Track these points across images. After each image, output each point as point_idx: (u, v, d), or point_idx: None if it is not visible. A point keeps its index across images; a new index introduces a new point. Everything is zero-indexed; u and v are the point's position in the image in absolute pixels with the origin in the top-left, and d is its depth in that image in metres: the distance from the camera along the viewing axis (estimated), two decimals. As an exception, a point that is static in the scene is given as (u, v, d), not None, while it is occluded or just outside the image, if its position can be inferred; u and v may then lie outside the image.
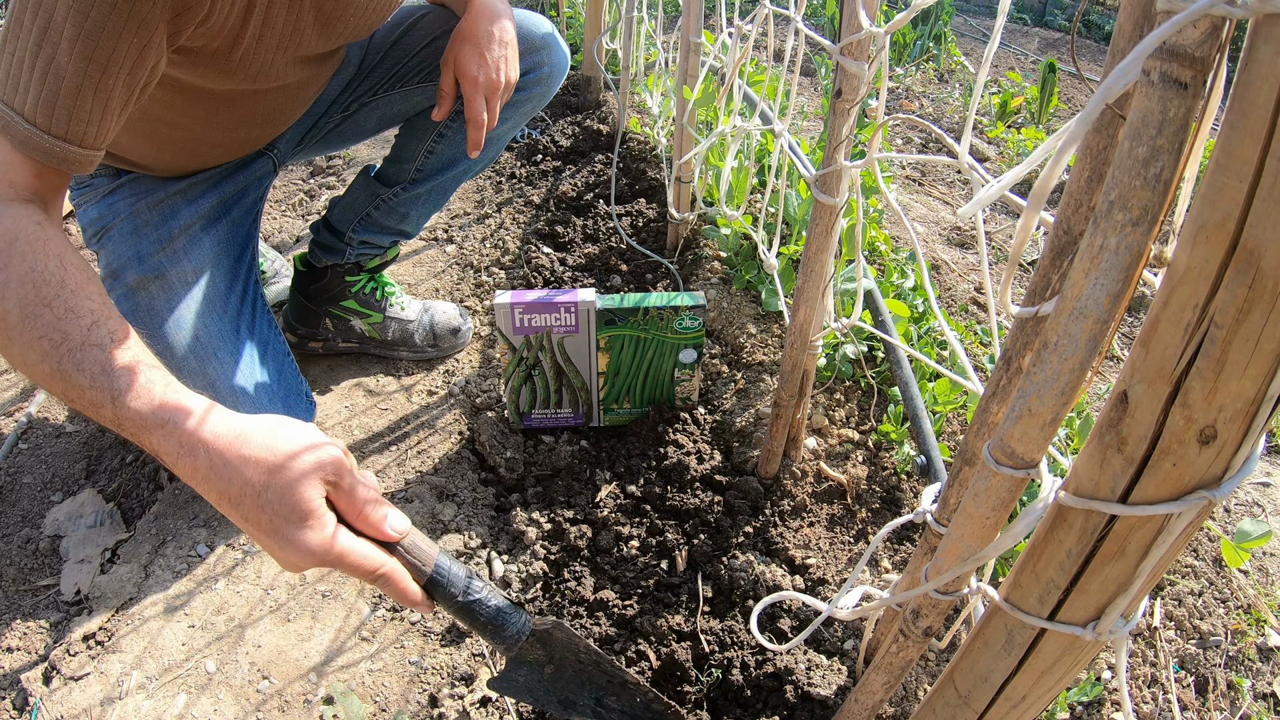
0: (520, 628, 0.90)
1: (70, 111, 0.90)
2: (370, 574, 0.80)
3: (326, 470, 0.77)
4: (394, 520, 0.82)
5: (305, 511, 0.75)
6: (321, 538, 0.76)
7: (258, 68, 1.21)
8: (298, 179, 2.60)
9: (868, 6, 0.93)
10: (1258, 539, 0.97)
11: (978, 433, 0.74)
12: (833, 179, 1.08)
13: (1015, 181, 0.58)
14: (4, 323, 0.82)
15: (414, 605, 0.84)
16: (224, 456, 0.76)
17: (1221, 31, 0.42)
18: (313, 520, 0.76)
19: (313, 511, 0.76)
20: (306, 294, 1.75)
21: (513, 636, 0.90)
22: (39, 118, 0.89)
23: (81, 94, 0.90)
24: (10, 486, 1.51)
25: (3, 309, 0.82)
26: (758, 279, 1.92)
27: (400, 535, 0.83)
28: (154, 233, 1.37)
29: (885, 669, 0.90)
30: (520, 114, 1.67)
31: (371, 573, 0.80)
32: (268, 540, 0.77)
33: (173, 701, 1.13)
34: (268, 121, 1.44)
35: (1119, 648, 0.62)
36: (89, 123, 0.92)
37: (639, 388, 1.58)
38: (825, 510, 1.45)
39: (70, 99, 0.89)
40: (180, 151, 1.38)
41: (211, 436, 0.77)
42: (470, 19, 1.41)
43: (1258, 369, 0.44)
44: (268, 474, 0.75)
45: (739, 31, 1.40)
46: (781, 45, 3.25)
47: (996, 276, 2.21)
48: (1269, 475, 1.68)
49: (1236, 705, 1.24)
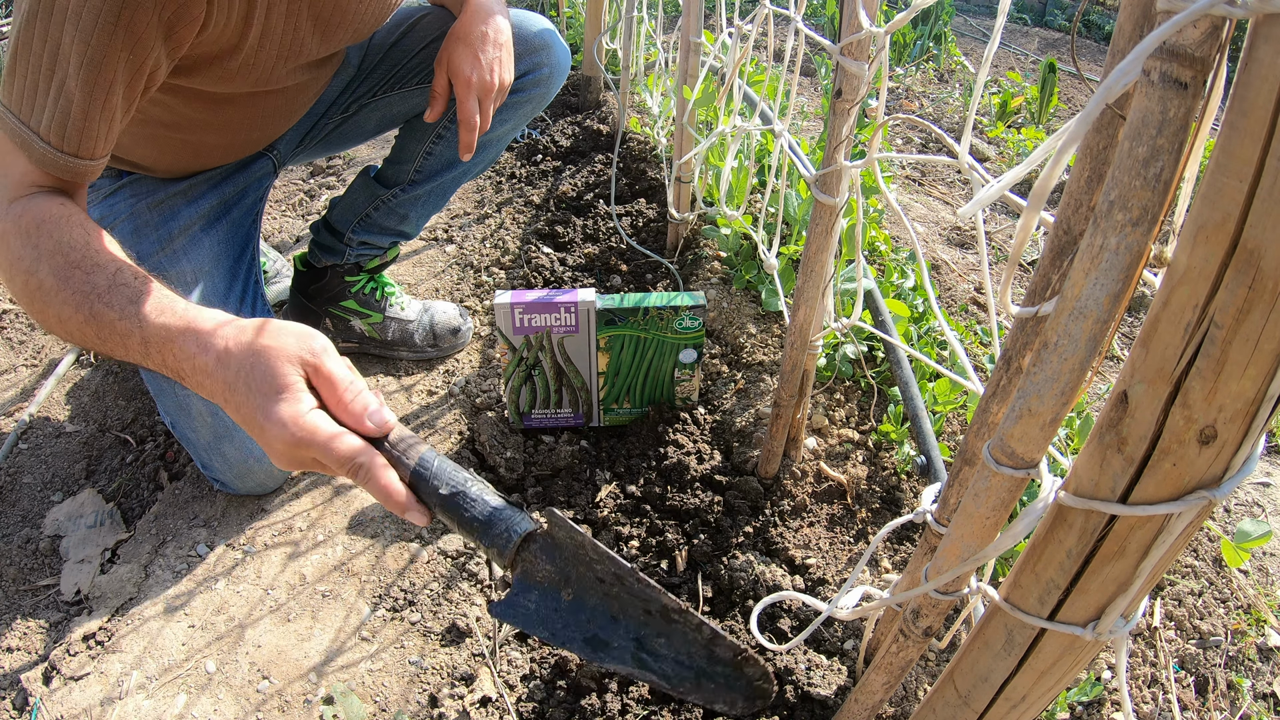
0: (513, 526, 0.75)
1: (80, 131, 0.97)
2: (347, 461, 0.78)
3: (304, 351, 0.79)
4: (375, 412, 0.80)
5: (280, 385, 0.77)
6: (293, 411, 0.77)
7: (258, 75, 1.21)
8: (298, 179, 2.61)
9: (868, 6, 0.93)
10: (1258, 539, 0.97)
11: (978, 433, 0.74)
12: (833, 179, 1.08)
13: (1015, 181, 0.58)
14: (40, 290, 0.91)
15: (399, 506, 0.80)
16: (228, 347, 0.82)
17: (1221, 31, 0.42)
18: (286, 394, 0.77)
19: (287, 386, 0.77)
20: (306, 294, 1.75)
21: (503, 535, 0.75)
22: (53, 138, 0.96)
23: (89, 116, 0.96)
24: (10, 486, 1.51)
25: (39, 280, 0.90)
26: (758, 279, 1.92)
27: (383, 428, 0.79)
28: (154, 233, 1.37)
29: (885, 669, 0.90)
30: (520, 115, 1.67)
31: (348, 459, 0.78)
32: (252, 424, 0.79)
33: (173, 701, 1.13)
34: (268, 124, 1.44)
35: (1119, 648, 0.62)
36: (97, 139, 0.99)
37: (639, 388, 1.58)
38: (825, 510, 1.45)
39: (80, 120, 0.96)
40: (181, 153, 1.38)
41: (224, 333, 0.83)
42: (465, 19, 1.40)
43: (1258, 369, 0.44)
44: (254, 354, 0.79)
45: (739, 31, 1.40)
46: (781, 45, 3.25)
47: (996, 276, 2.21)
48: (1269, 475, 1.68)
49: (1236, 705, 1.24)
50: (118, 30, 0.92)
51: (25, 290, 0.92)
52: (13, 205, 0.96)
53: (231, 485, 1.40)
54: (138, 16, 0.93)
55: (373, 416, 0.80)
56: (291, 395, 0.77)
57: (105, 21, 0.91)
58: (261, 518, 1.42)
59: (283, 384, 0.77)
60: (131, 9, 0.92)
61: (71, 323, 0.90)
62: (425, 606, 1.28)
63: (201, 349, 0.83)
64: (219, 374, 0.81)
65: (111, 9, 0.91)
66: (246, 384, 0.79)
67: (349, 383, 0.81)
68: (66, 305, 0.89)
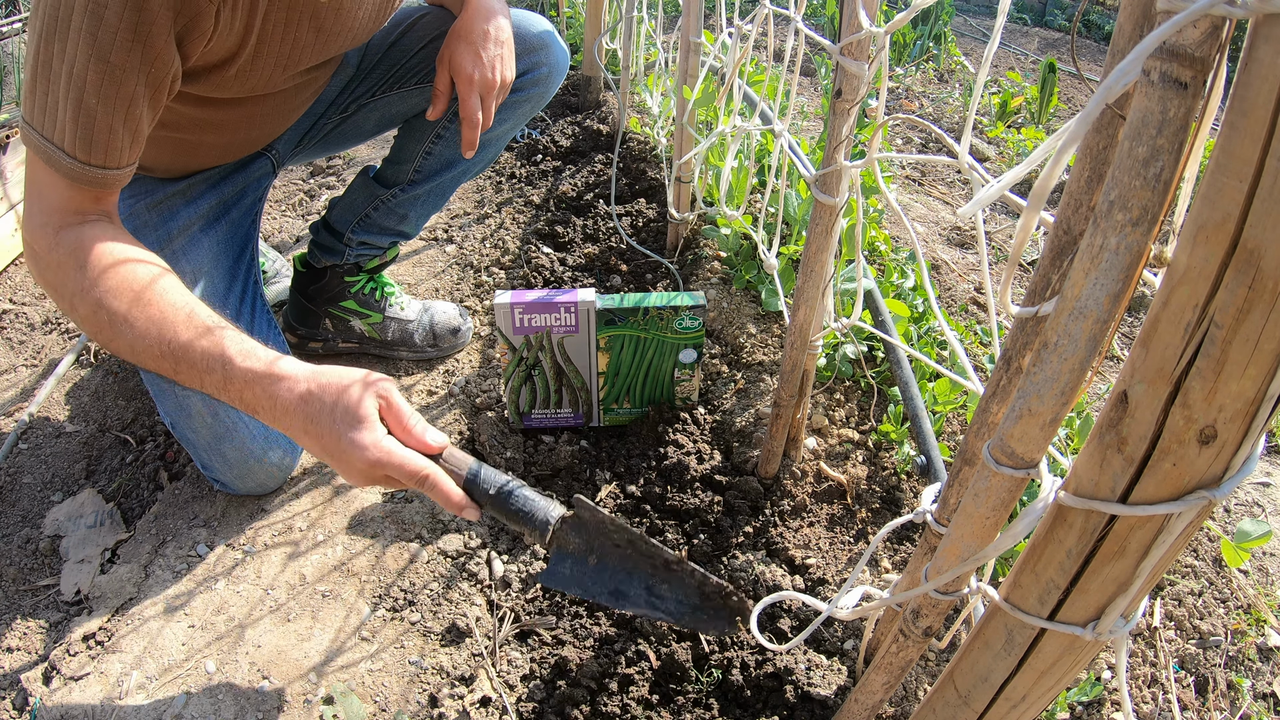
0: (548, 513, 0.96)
1: (106, 144, 1.00)
2: (415, 475, 0.95)
3: (378, 388, 0.96)
4: (433, 435, 0.98)
5: (360, 416, 0.93)
6: (373, 437, 0.93)
7: (255, 81, 1.22)
8: (298, 179, 2.61)
9: (868, 6, 0.93)
10: (1258, 539, 0.97)
11: (978, 433, 0.74)
12: (833, 179, 1.08)
13: (1015, 181, 0.58)
14: (111, 323, 0.99)
15: (457, 506, 0.97)
16: (310, 390, 0.96)
17: (1221, 31, 0.42)
18: (366, 424, 0.93)
19: (366, 417, 0.94)
20: (306, 294, 1.75)
21: (542, 522, 0.96)
22: (79, 153, 1.00)
23: (114, 130, 1.00)
24: (10, 486, 1.51)
25: (108, 314, 0.99)
26: (758, 279, 1.92)
27: (439, 448, 0.98)
28: (152, 234, 1.37)
29: (885, 669, 0.90)
30: (519, 114, 1.67)
31: (416, 474, 0.95)
32: (334, 450, 0.94)
33: (173, 701, 1.13)
34: (266, 124, 1.44)
35: (1119, 648, 0.62)
36: (123, 149, 1.03)
37: (639, 388, 1.58)
38: (825, 510, 1.45)
39: (104, 134, 1.00)
40: (178, 153, 1.38)
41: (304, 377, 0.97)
42: (466, 17, 1.40)
43: (1258, 369, 0.44)
44: (337, 393, 0.95)
45: (739, 31, 1.40)
46: (781, 45, 3.25)
47: (996, 276, 2.21)
48: (1269, 475, 1.68)
49: (1236, 705, 1.24)
50: (134, 46, 0.96)
51: (92, 321, 1.00)
52: (62, 234, 1.02)
53: (231, 486, 1.40)
54: (154, 32, 0.96)
55: (433, 439, 0.97)
56: (370, 425, 0.93)
57: (123, 40, 0.94)
58: (261, 518, 1.42)
59: (362, 415, 0.93)
60: (148, 25, 0.95)
61: (145, 354, 1.00)
62: (425, 606, 1.28)
63: (287, 390, 0.96)
64: (301, 410, 0.95)
65: (128, 27, 0.94)
66: (330, 417, 0.94)
67: (411, 412, 0.97)
68: (141, 339, 0.99)
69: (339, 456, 0.94)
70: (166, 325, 0.99)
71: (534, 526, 0.96)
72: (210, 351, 0.98)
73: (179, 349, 0.99)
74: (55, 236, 1.02)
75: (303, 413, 0.95)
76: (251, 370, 0.98)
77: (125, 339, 1.00)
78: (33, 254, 1.05)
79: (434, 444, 0.96)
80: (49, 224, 1.03)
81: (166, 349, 0.99)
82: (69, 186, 1.02)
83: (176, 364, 0.99)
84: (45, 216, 1.03)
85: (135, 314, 0.99)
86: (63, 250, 1.02)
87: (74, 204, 1.03)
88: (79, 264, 1.00)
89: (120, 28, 0.94)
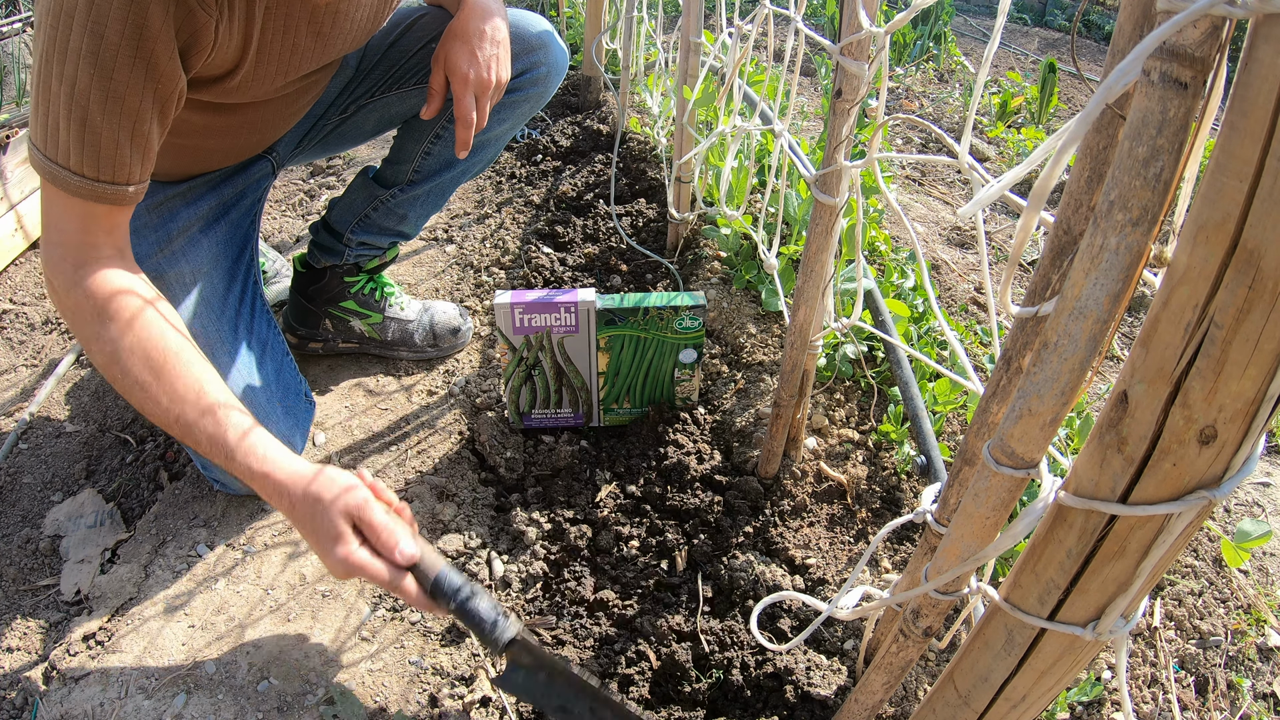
0: (499, 634, 1.02)
1: (113, 161, 1.02)
2: (385, 584, 1.03)
3: (350, 509, 1.03)
4: (404, 547, 1.03)
5: (335, 534, 1.01)
6: (345, 551, 1.01)
7: (256, 89, 1.23)
8: (298, 179, 2.61)
9: (868, 6, 0.93)
10: (1258, 539, 0.97)
11: (978, 433, 0.74)
12: (833, 179, 1.08)
13: (1015, 181, 0.58)
14: (125, 378, 1.05)
15: (424, 607, 1.05)
16: (294, 502, 1.04)
17: (1221, 31, 0.42)
18: (341, 541, 1.01)
19: (340, 535, 1.01)
20: (306, 295, 1.75)
21: (495, 640, 1.02)
22: (86, 169, 1.01)
23: (120, 145, 1.01)
24: (10, 486, 1.51)
25: (122, 369, 1.05)
26: (758, 279, 1.92)
27: (406, 561, 1.03)
28: (152, 235, 1.37)
29: (885, 669, 0.90)
30: (518, 114, 1.67)
31: (385, 584, 1.03)
32: (319, 552, 1.04)
33: (173, 701, 1.13)
34: (267, 128, 1.44)
35: (1119, 648, 0.62)
36: (132, 165, 1.04)
37: (639, 388, 1.58)
38: (825, 510, 1.45)
39: (111, 150, 1.01)
40: (181, 158, 1.38)
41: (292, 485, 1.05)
42: (462, 17, 1.40)
43: (1258, 369, 0.44)
44: (313, 506, 1.03)
45: (739, 31, 1.40)
46: (781, 45, 3.25)
47: (996, 276, 2.21)
48: (1269, 475, 1.68)
49: (1236, 705, 1.24)
50: (137, 64, 0.96)
51: (106, 369, 1.07)
52: (80, 273, 1.05)
53: (231, 485, 1.40)
54: (157, 51, 0.97)
55: (402, 554, 1.02)
56: (344, 540, 1.01)
57: (124, 58, 0.95)
58: (261, 518, 1.42)
59: (337, 533, 1.01)
60: (150, 44, 0.96)
61: (157, 416, 1.07)
62: (425, 606, 1.28)
63: (276, 495, 1.06)
64: (290, 515, 1.06)
65: (129, 45, 0.94)
66: (311, 528, 1.03)
67: (384, 527, 1.03)
68: (151, 403, 1.06)
69: (323, 558, 1.04)
70: (176, 400, 1.06)
71: (486, 642, 1.03)
72: (215, 438, 1.07)
73: (185, 426, 1.07)
74: (73, 275, 1.05)
75: (292, 517, 1.06)
76: (249, 469, 1.07)
77: (136, 398, 1.07)
78: (51, 288, 1.08)
79: (404, 559, 1.03)
80: (66, 259, 1.05)
81: (176, 418, 1.07)
82: (80, 208, 1.03)
83: (183, 432, 1.08)
84: (62, 250, 1.05)
85: (148, 380, 1.06)
86: (80, 294, 1.05)
87: (87, 233, 1.05)
88: (97, 313, 1.05)
89: (121, 46, 0.94)
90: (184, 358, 1.08)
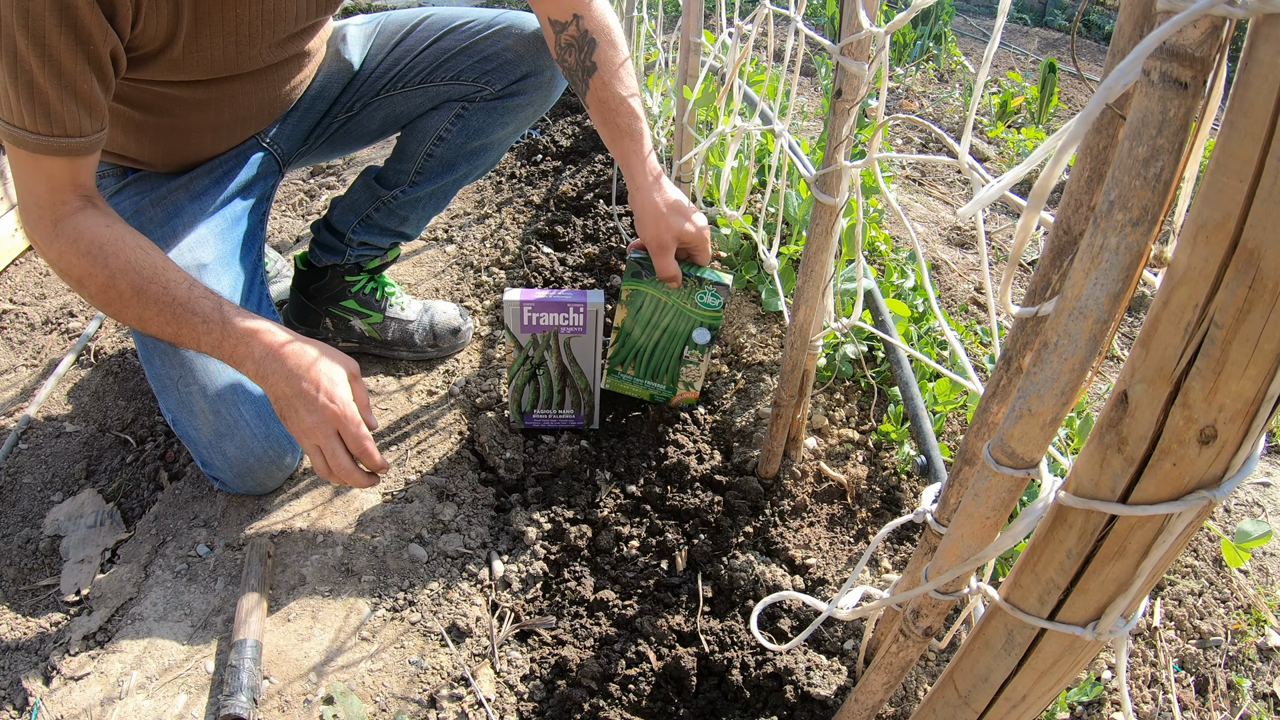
0: None
1: (63, 117, 1.08)
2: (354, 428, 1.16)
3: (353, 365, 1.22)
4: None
5: (351, 374, 1.21)
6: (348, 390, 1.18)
7: (212, 57, 1.25)
8: (298, 179, 2.61)
9: (868, 6, 0.93)
10: (1258, 539, 0.97)
11: (978, 433, 0.74)
12: (833, 179, 1.08)
13: (1015, 181, 0.58)
14: (120, 300, 1.18)
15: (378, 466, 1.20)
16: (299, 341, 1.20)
17: (1221, 31, 0.42)
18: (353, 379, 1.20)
19: (355, 374, 1.21)
20: (307, 293, 1.75)
21: None
22: (40, 127, 1.08)
23: (65, 102, 1.07)
24: (10, 486, 1.51)
25: (118, 291, 1.17)
26: (758, 279, 1.92)
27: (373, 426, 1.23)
28: (158, 230, 1.38)
29: (885, 669, 0.90)
30: (521, 118, 1.68)
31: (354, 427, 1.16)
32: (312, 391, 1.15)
33: (173, 701, 1.13)
34: (249, 105, 1.44)
35: (1119, 648, 0.62)
36: (81, 118, 1.10)
37: (647, 355, 1.55)
38: (825, 510, 1.45)
39: (59, 108, 1.07)
40: (172, 141, 1.39)
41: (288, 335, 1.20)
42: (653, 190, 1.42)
43: (1258, 369, 0.44)
44: (325, 352, 1.20)
45: (739, 31, 1.40)
46: (781, 45, 3.25)
47: (996, 276, 2.21)
48: (1269, 475, 1.68)
49: (1236, 705, 1.24)
50: (64, 29, 1.03)
51: (103, 298, 1.18)
52: (60, 226, 1.15)
53: (231, 484, 1.40)
54: (80, 15, 1.03)
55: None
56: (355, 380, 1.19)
57: (51, 24, 1.02)
58: (261, 518, 1.42)
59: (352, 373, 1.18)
60: (72, 10, 1.02)
61: (152, 322, 1.19)
62: (425, 606, 1.28)
63: (283, 333, 1.19)
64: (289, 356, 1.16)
65: (54, 13, 1.01)
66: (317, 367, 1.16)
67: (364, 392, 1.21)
68: (148, 309, 1.18)
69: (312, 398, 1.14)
70: (171, 299, 1.17)
71: None
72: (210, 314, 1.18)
73: (181, 316, 1.17)
74: (52, 229, 1.15)
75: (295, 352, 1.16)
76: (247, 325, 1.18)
77: (133, 311, 1.18)
78: (36, 244, 1.18)
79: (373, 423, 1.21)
80: (43, 217, 1.15)
81: (171, 316, 1.17)
82: (45, 165, 1.11)
83: (179, 328, 1.18)
84: (39, 210, 1.14)
85: (142, 293, 1.16)
86: (63, 241, 1.15)
87: (55, 189, 1.13)
88: (82, 251, 1.15)
89: (47, 15, 1.01)
90: (170, 263, 1.21)
